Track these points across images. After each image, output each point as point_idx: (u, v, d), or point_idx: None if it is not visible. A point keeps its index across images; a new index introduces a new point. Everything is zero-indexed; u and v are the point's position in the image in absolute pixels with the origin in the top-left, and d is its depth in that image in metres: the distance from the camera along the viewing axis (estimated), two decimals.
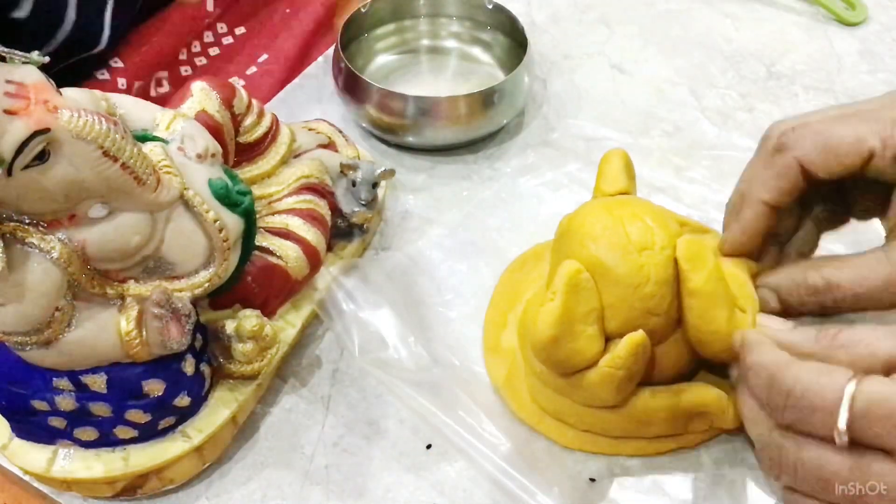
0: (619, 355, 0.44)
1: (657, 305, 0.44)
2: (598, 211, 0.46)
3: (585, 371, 0.45)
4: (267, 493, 0.48)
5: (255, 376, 0.48)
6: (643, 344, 0.44)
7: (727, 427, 0.48)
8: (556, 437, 0.49)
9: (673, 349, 0.46)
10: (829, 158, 0.44)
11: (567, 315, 0.44)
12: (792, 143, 0.45)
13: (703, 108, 0.69)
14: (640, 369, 0.45)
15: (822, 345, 0.39)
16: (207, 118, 0.48)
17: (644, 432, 0.48)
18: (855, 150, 0.44)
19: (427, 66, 0.72)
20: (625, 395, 0.46)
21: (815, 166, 0.44)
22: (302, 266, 0.51)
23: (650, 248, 0.44)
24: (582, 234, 0.46)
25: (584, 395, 0.46)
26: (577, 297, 0.44)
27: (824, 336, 0.40)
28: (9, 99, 0.35)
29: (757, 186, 0.46)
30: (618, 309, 0.44)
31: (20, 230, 0.39)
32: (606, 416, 0.48)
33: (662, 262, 0.44)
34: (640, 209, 0.46)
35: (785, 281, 0.45)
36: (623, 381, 0.45)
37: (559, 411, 0.49)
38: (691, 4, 0.79)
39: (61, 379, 0.43)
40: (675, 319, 0.45)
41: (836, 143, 0.44)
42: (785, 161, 0.45)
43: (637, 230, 0.45)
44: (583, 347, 0.44)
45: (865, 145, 0.43)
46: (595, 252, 0.45)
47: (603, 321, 0.45)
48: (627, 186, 0.49)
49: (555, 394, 0.48)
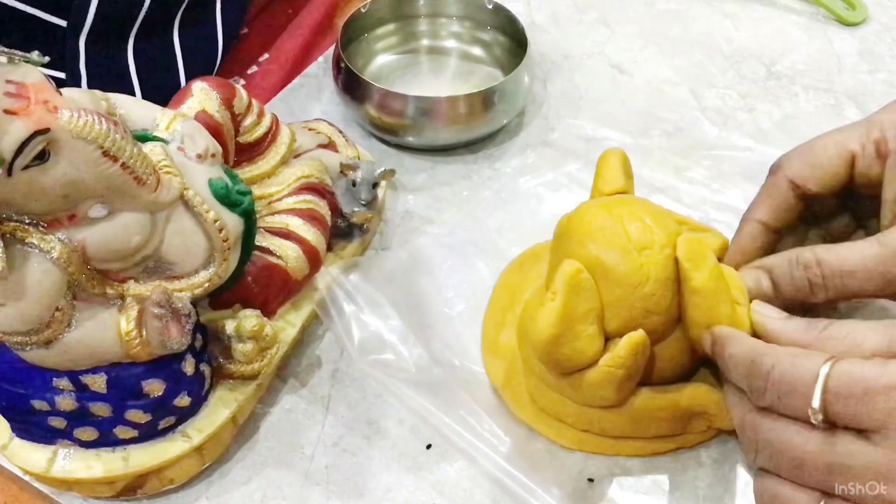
0: (619, 354, 0.44)
1: (657, 304, 0.44)
2: (596, 210, 0.46)
3: (585, 370, 0.45)
4: (267, 493, 0.48)
5: (255, 376, 0.48)
6: (643, 343, 0.44)
7: (726, 427, 0.48)
8: (555, 437, 0.49)
9: (672, 348, 0.46)
10: (814, 169, 0.46)
11: (567, 315, 0.44)
12: (783, 163, 0.48)
13: (703, 108, 0.69)
14: (640, 368, 0.45)
15: (811, 336, 0.40)
16: (207, 118, 0.48)
17: (643, 432, 0.48)
18: (836, 155, 0.46)
19: (427, 66, 0.72)
20: (624, 395, 0.46)
21: (803, 180, 0.47)
22: (302, 266, 0.51)
23: (650, 248, 0.44)
24: (581, 233, 0.46)
25: (583, 394, 0.46)
26: (577, 296, 0.44)
27: (814, 327, 0.40)
28: (9, 99, 0.35)
29: (753, 207, 0.49)
30: (618, 308, 0.45)
31: (20, 230, 0.39)
32: (606, 416, 0.48)
33: (662, 262, 0.44)
34: (639, 208, 0.46)
35: (778, 260, 0.46)
36: (623, 381, 0.45)
37: (558, 411, 0.49)
38: (691, 4, 0.79)
39: (61, 379, 0.43)
40: (675, 318, 0.45)
41: (819, 152, 0.47)
42: (776, 180, 0.48)
43: (636, 229, 0.45)
44: (583, 347, 0.44)
45: (846, 149, 0.46)
46: (595, 252, 0.45)
47: (603, 321, 0.45)
48: (625, 186, 0.49)
49: (554, 394, 0.48)
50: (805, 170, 0.47)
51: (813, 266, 0.44)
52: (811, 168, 0.47)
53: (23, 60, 0.36)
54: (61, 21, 0.61)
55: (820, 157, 0.46)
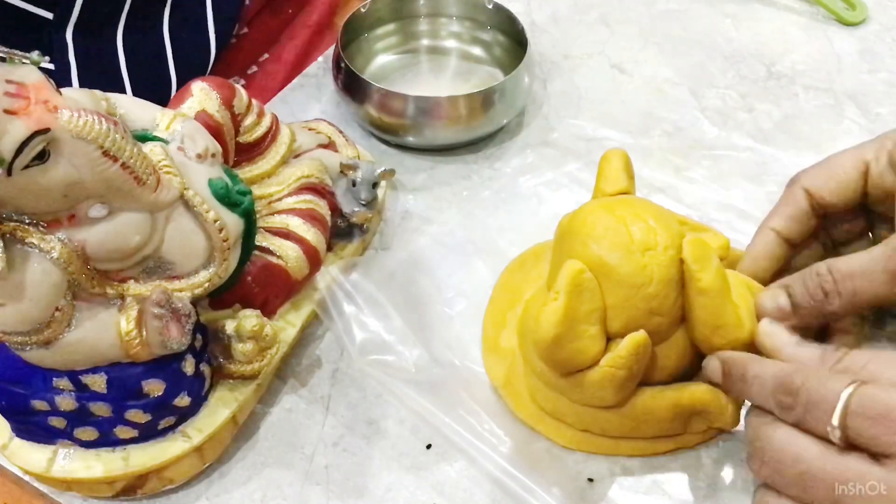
0: (621, 355, 0.44)
1: (660, 305, 0.44)
2: (599, 211, 0.46)
3: (586, 371, 0.45)
4: (267, 493, 0.48)
5: (255, 376, 0.48)
6: (645, 344, 0.44)
7: (726, 427, 0.48)
8: (554, 436, 0.49)
9: (674, 348, 0.46)
10: (829, 179, 0.48)
11: (570, 315, 0.44)
12: (800, 175, 0.49)
13: (703, 108, 0.69)
14: (641, 369, 0.45)
15: (826, 365, 0.40)
16: (207, 118, 0.48)
17: (643, 432, 0.48)
18: (852, 166, 0.47)
19: (427, 66, 0.72)
20: (625, 395, 0.46)
21: (818, 189, 0.48)
22: (302, 266, 0.51)
23: (653, 249, 0.44)
24: (584, 234, 0.46)
25: (584, 394, 0.46)
26: (580, 297, 0.44)
27: (830, 357, 0.41)
28: (9, 99, 0.35)
29: (768, 216, 0.50)
30: (621, 309, 0.45)
31: (20, 230, 0.39)
32: (605, 416, 0.48)
33: (666, 263, 0.44)
34: (642, 209, 0.46)
35: (796, 277, 0.46)
36: (624, 381, 0.45)
37: (558, 411, 0.49)
38: (691, 4, 0.79)
39: (61, 379, 0.43)
40: (677, 319, 0.46)
41: (835, 163, 0.48)
42: (792, 190, 0.49)
43: (640, 230, 0.45)
44: (585, 347, 0.44)
45: (861, 159, 0.47)
46: (598, 252, 0.45)
47: (605, 321, 0.45)
48: (627, 186, 0.49)
49: (554, 393, 0.48)
50: (820, 180, 0.48)
51: (824, 272, 0.44)
52: (826, 178, 0.48)
53: (23, 60, 0.36)
54: (48, 13, 0.61)
55: (835, 168, 0.48)
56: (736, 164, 0.64)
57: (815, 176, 0.48)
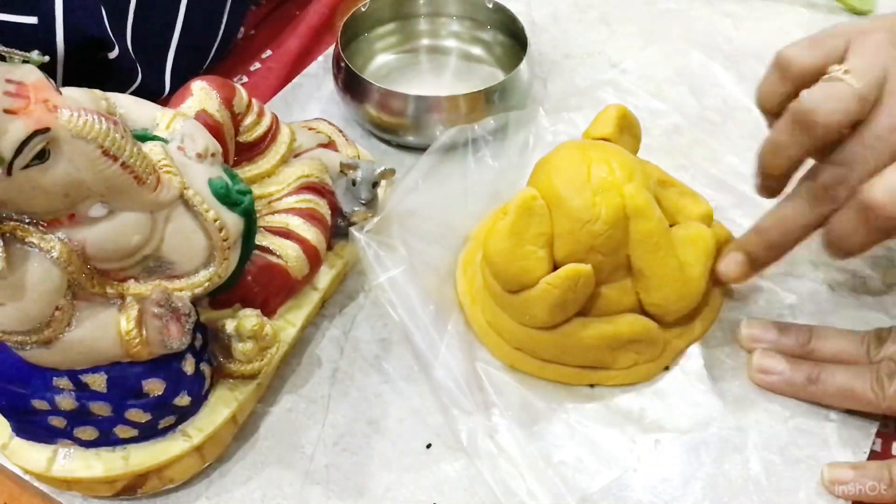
0: (560, 275, 0.47)
1: (603, 244, 0.47)
2: (571, 149, 0.50)
3: (529, 290, 0.48)
4: (267, 492, 0.48)
5: (255, 376, 0.48)
6: (586, 275, 0.47)
7: (656, 360, 0.51)
8: (493, 348, 0.53)
9: (616, 293, 0.49)
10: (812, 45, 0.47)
11: (516, 232, 0.47)
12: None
13: (703, 108, 0.69)
14: (579, 299, 0.48)
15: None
16: (207, 117, 0.48)
17: (569, 359, 0.51)
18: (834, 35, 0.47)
19: (427, 65, 0.72)
20: (556, 318, 0.49)
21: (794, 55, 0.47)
22: (302, 265, 0.51)
23: (608, 191, 0.47)
24: (550, 166, 0.49)
25: (521, 311, 0.49)
26: (528, 218, 0.48)
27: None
28: (9, 98, 0.35)
29: None
30: (566, 240, 0.48)
31: (20, 230, 0.39)
32: (536, 336, 0.50)
33: (615, 206, 0.47)
34: (612, 155, 0.49)
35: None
36: (557, 302, 0.48)
37: (498, 325, 0.52)
38: (691, 4, 0.79)
39: (61, 378, 0.43)
40: (622, 264, 0.49)
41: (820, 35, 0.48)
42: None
43: (600, 171, 0.48)
44: (531, 267, 0.48)
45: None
46: (556, 184, 0.48)
47: (552, 248, 0.48)
48: (612, 134, 0.52)
49: (497, 308, 0.51)
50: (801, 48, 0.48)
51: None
52: (809, 45, 0.47)
53: (22, 60, 0.36)
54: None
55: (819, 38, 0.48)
56: (736, 163, 0.64)
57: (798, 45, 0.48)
